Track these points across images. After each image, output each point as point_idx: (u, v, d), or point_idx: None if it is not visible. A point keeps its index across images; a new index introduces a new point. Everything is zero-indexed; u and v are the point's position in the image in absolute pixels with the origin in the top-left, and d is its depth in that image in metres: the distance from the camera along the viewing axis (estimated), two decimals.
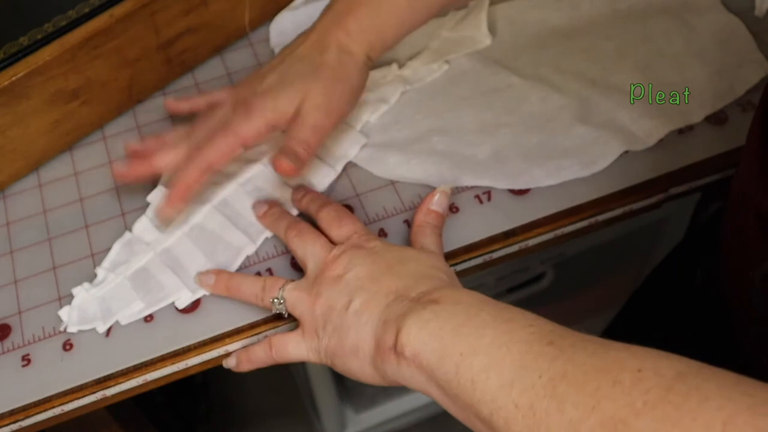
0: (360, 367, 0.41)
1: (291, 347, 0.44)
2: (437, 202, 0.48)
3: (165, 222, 0.50)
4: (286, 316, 0.46)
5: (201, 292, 0.48)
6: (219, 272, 0.48)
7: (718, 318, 0.48)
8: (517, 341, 0.34)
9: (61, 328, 0.47)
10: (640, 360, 0.30)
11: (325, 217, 0.48)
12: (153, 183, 0.54)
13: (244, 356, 0.46)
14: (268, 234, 0.50)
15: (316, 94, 0.47)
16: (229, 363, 0.47)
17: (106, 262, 0.50)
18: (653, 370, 0.29)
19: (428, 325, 0.37)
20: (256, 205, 0.51)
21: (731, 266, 0.45)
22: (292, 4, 0.62)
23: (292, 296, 0.44)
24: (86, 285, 0.49)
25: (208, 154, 0.47)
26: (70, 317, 0.47)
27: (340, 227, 0.47)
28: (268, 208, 0.51)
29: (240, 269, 0.49)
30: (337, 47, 0.47)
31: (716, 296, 0.48)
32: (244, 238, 0.50)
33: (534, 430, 0.30)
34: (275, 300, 0.45)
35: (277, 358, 0.45)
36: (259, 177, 0.53)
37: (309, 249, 0.46)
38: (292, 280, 0.46)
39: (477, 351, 0.34)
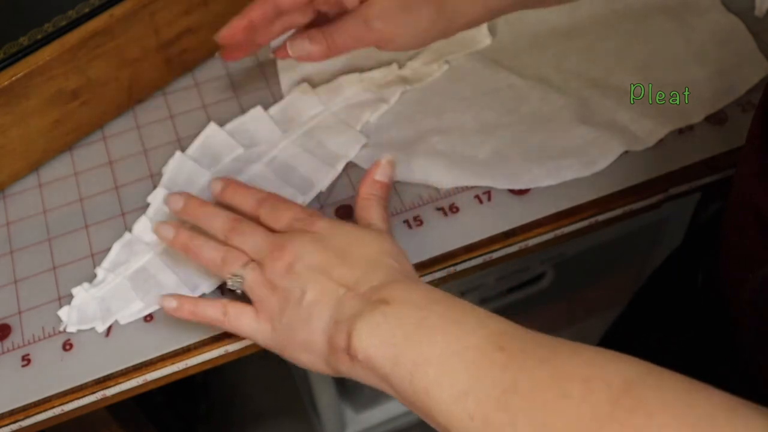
0: (311, 361, 0.41)
1: (245, 322, 0.43)
2: (382, 172, 0.48)
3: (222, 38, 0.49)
4: (239, 293, 0.45)
5: (200, 292, 0.48)
6: (179, 227, 0.46)
7: (718, 318, 0.48)
8: (468, 347, 0.34)
9: (61, 328, 0.47)
10: (588, 367, 0.30)
11: (264, 214, 0.46)
12: (153, 184, 0.54)
13: (190, 305, 0.44)
14: None
15: (383, 3, 0.46)
16: (166, 303, 0.44)
17: (106, 263, 0.50)
18: (601, 379, 0.29)
19: (379, 329, 0.37)
20: (169, 199, 0.48)
21: (731, 267, 0.45)
22: None
23: (252, 279, 0.43)
24: (86, 285, 0.49)
25: None
26: (69, 317, 0.47)
27: (279, 218, 0.45)
28: (185, 201, 0.48)
29: None
30: None
31: (716, 297, 0.48)
32: None
33: None
34: (234, 276, 0.44)
35: (227, 326, 0.44)
36: (258, 177, 0.53)
37: (250, 242, 0.44)
38: (253, 260, 0.44)
39: (430, 360, 0.34)
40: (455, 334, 0.35)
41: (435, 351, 0.34)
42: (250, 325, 0.43)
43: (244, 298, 0.45)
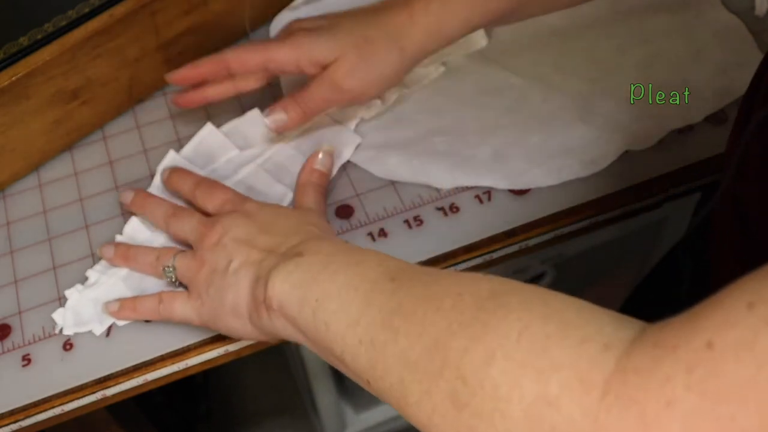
0: (240, 325, 0.43)
1: (177, 305, 0.45)
2: (321, 162, 0.50)
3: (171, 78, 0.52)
4: (176, 284, 0.47)
5: None
6: (117, 244, 0.49)
7: None
8: (364, 281, 0.36)
9: (56, 331, 0.47)
10: (461, 285, 0.32)
11: (199, 195, 0.49)
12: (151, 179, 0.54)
13: (130, 304, 0.47)
14: None
15: (347, 64, 0.48)
16: (110, 309, 0.47)
17: (98, 265, 0.49)
18: (470, 293, 0.31)
19: (291, 277, 0.39)
20: (122, 194, 0.51)
21: (720, 266, 0.45)
22: (293, 4, 0.62)
23: (182, 264, 0.46)
24: (79, 287, 0.48)
25: (231, 54, 0.50)
26: (65, 319, 0.47)
27: (213, 199, 0.48)
28: (134, 193, 0.51)
29: None
30: (393, 28, 0.48)
31: (705, 294, 0.47)
32: None
33: (374, 362, 0.33)
34: (166, 268, 0.46)
35: (164, 313, 0.46)
36: (251, 177, 0.53)
37: (187, 226, 0.47)
38: (183, 251, 0.47)
39: (330, 295, 0.37)
40: (355, 272, 0.37)
41: (335, 287, 0.37)
42: (182, 307, 0.45)
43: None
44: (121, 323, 0.47)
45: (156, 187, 0.53)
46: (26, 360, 0.46)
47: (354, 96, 0.50)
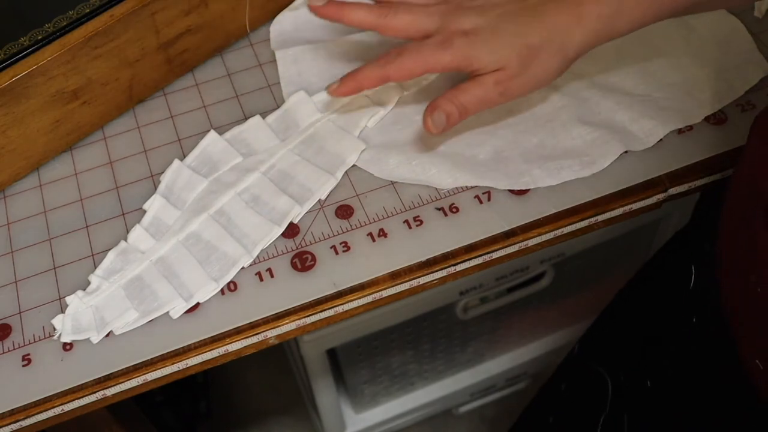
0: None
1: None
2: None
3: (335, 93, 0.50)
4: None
5: (194, 301, 0.48)
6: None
7: (713, 321, 0.47)
8: None
9: (55, 337, 0.47)
10: None
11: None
12: (154, 183, 0.54)
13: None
14: (264, 245, 0.50)
15: (507, 73, 0.47)
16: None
17: (100, 270, 0.49)
18: None
19: None
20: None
21: (731, 269, 0.44)
22: (293, 5, 0.62)
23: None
24: (80, 293, 0.48)
25: (392, 68, 0.48)
26: (64, 326, 0.47)
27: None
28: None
29: (239, 272, 0.49)
30: (557, 33, 0.46)
31: (712, 299, 0.47)
32: (239, 249, 0.50)
33: None
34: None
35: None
36: (256, 186, 0.53)
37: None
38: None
39: None
40: None
41: None
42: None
43: None
44: (119, 331, 0.47)
45: (160, 198, 0.52)
46: (26, 360, 0.46)
47: (508, 99, 0.49)
